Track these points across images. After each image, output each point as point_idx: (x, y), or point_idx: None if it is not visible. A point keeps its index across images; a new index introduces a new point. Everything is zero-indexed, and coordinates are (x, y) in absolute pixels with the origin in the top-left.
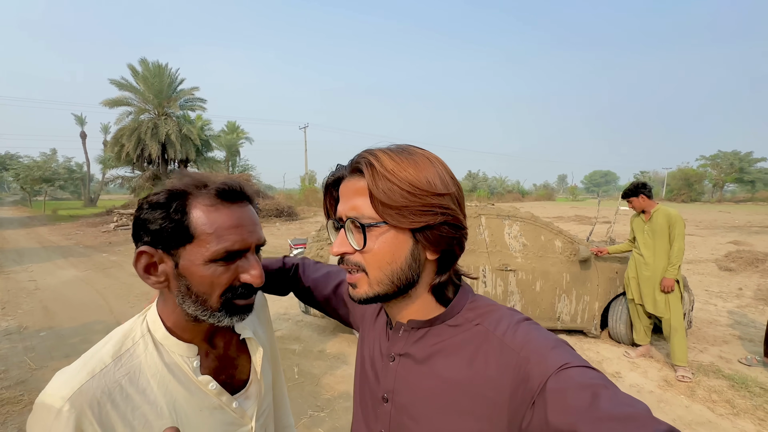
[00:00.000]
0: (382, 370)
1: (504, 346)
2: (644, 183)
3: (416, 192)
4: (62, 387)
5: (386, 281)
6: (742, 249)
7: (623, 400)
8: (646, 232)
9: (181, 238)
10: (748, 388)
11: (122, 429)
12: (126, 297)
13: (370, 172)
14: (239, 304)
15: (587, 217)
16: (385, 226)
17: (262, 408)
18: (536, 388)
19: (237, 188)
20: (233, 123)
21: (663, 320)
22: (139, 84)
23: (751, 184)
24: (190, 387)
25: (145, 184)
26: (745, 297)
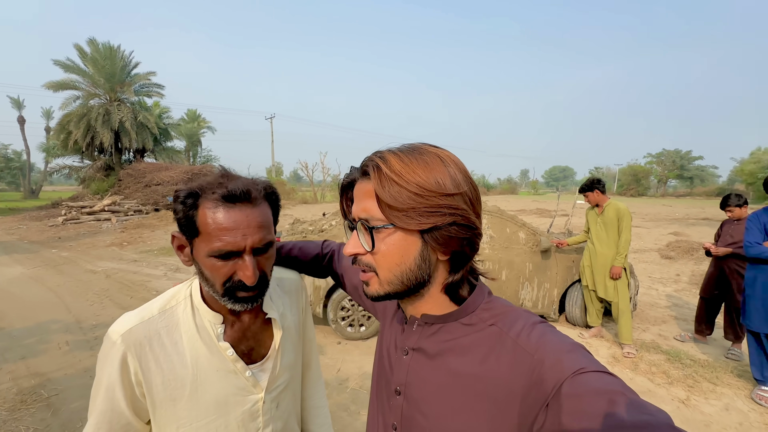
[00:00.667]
0: (396, 363)
1: (518, 347)
2: (599, 179)
3: (424, 193)
4: (121, 325)
5: (396, 281)
6: (680, 239)
7: (642, 407)
8: (599, 224)
9: (193, 231)
10: (681, 361)
11: (154, 368)
12: (84, 294)
13: (376, 175)
14: (240, 295)
15: (548, 210)
16: (392, 228)
17: (276, 383)
18: (550, 392)
19: (239, 192)
20: (194, 111)
21: (612, 304)
22: (88, 66)
23: (690, 180)
24: (212, 349)
25: (96, 174)
26: (681, 282)
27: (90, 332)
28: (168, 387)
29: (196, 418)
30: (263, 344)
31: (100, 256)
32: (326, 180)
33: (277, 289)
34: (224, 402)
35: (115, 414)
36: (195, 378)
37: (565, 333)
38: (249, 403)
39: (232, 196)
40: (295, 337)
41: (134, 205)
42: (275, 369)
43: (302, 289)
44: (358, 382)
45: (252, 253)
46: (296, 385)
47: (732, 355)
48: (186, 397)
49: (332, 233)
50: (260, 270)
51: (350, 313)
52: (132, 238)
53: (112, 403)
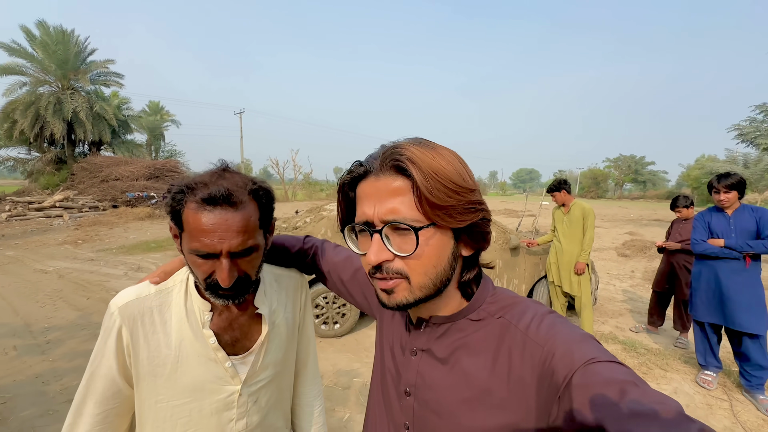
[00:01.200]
0: (404, 364)
1: (528, 339)
2: (565, 180)
3: (458, 189)
4: (120, 298)
5: (430, 285)
6: (635, 239)
7: (653, 397)
8: (565, 223)
9: (179, 225)
10: (636, 350)
11: (142, 342)
12: (33, 295)
13: (417, 170)
14: (221, 292)
15: (515, 211)
16: (432, 228)
17: (256, 378)
18: (561, 383)
19: (219, 195)
20: (156, 103)
21: (576, 298)
22: (37, 51)
23: (643, 184)
24: (197, 334)
25: (46, 168)
26: (636, 278)
27: (41, 336)
28: (151, 363)
29: (172, 397)
30: (250, 337)
31: (52, 255)
32: (297, 178)
33: (274, 284)
34: (200, 387)
35: (108, 380)
36: (176, 359)
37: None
38: (224, 393)
39: (211, 199)
40: (286, 334)
41: (89, 201)
42: (257, 364)
43: (301, 288)
44: (333, 379)
45: (230, 257)
46: (284, 383)
47: (680, 343)
48: (166, 375)
49: (306, 230)
50: (242, 272)
51: (324, 311)
52: (88, 236)
53: (107, 369)
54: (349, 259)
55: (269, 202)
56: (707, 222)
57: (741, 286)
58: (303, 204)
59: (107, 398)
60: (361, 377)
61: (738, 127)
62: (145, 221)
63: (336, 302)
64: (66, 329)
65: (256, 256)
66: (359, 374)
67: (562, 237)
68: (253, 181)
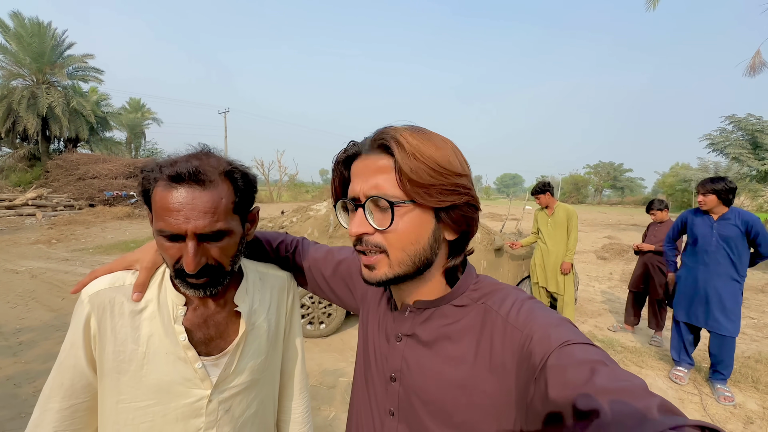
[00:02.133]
0: (389, 350)
1: (508, 324)
2: (549, 183)
3: (442, 171)
4: (92, 286)
5: (408, 261)
6: (613, 242)
7: (621, 375)
8: (549, 225)
9: (149, 206)
10: (614, 348)
11: (109, 335)
12: (4, 296)
13: (399, 149)
14: (190, 281)
15: (499, 215)
16: (410, 204)
17: (229, 383)
18: (538, 364)
19: (186, 172)
20: (137, 100)
21: (559, 298)
22: (10, 43)
23: (621, 190)
24: (168, 330)
25: (18, 164)
26: (614, 279)
27: (12, 337)
28: (117, 358)
29: (135, 397)
30: (226, 338)
31: (23, 254)
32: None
33: (258, 282)
34: (167, 389)
35: (77, 372)
36: (143, 356)
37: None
38: (192, 398)
39: (178, 176)
40: (267, 338)
41: (64, 200)
42: (230, 367)
43: (289, 289)
44: (318, 378)
45: (197, 239)
46: (264, 394)
47: (654, 341)
48: (130, 373)
49: (293, 230)
50: (213, 260)
51: (310, 311)
52: (62, 236)
53: (75, 360)
54: (330, 254)
55: (247, 187)
56: (682, 220)
57: (719, 290)
58: (288, 205)
59: (76, 391)
60: (346, 376)
61: (709, 136)
62: (124, 221)
63: (322, 302)
64: (39, 330)
65: (229, 242)
66: (345, 373)
67: (547, 239)
68: (230, 163)
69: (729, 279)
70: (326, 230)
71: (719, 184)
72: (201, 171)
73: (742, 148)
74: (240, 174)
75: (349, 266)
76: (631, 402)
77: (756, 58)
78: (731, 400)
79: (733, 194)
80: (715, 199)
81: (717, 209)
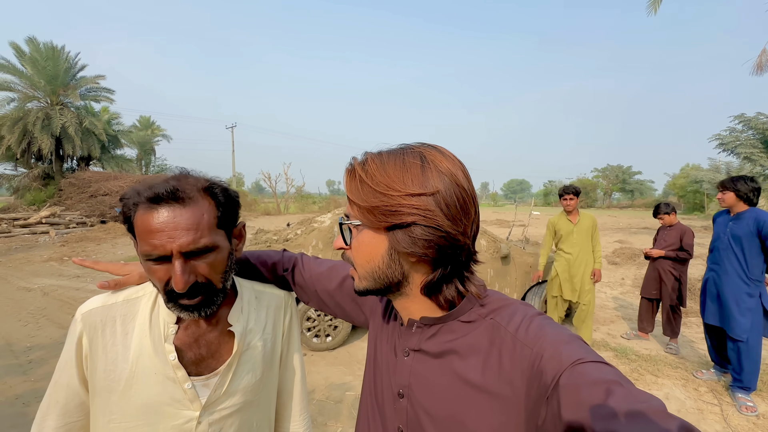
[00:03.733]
0: (397, 366)
1: (517, 342)
2: (578, 187)
3: (387, 192)
4: (86, 305)
5: (368, 277)
6: (624, 246)
7: (638, 396)
8: (575, 233)
9: (132, 232)
10: (627, 356)
11: (100, 353)
12: (16, 314)
13: (347, 174)
14: (182, 302)
15: (506, 221)
16: (361, 225)
17: (220, 404)
18: (550, 384)
19: (164, 192)
20: (147, 118)
21: (584, 307)
22: (26, 67)
23: (631, 193)
24: (158, 349)
25: (32, 183)
26: (626, 285)
27: (23, 355)
28: (108, 377)
29: (124, 417)
30: (218, 358)
31: (36, 272)
32: (290, 191)
33: (254, 301)
34: (155, 410)
35: (71, 391)
36: (132, 375)
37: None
38: (181, 419)
39: (156, 197)
40: (262, 359)
41: (77, 217)
42: (221, 387)
43: (287, 308)
44: (325, 393)
45: (184, 257)
46: (258, 416)
47: (670, 349)
48: (119, 392)
49: (297, 242)
50: (203, 278)
51: (316, 324)
52: (74, 253)
53: (69, 379)
54: (334, 269)
55: (229, 201)
56: (714, 222)
57: (729, 290)
58: (295, 217)
59: (70, 411)
60: (353, 390)
61: (719, 137)
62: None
63: (328, 315)
64: (49, 348)
65: (216, 258)
66: (351, 387)
67: (572, 247)
68: (208, 180)
69: (738, 279)
70: (330, 242)
71: (739, 182)
72: (179, 189)
73: (753, 147)
74: (220, 189)
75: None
76: (651, 426)
77: (762, 57)
78: (753, 410)
79: (756, 194)
80: (734, 197)
81: (736, 208)
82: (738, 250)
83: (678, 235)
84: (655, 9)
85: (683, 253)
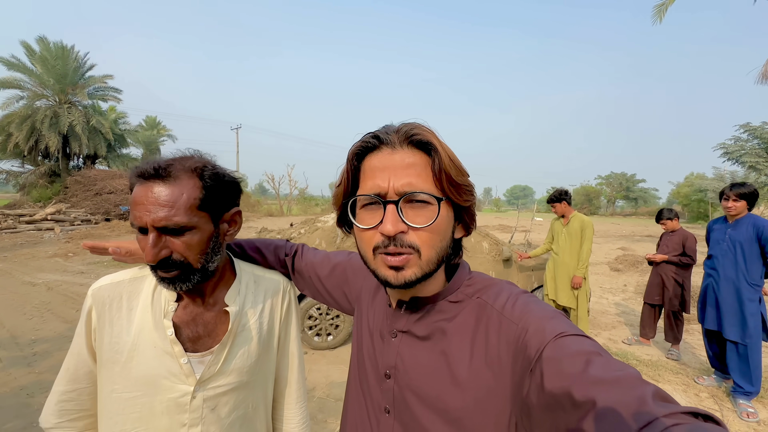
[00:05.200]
0: (384, 347)
1: (503, 318)
2: (566, 191)
3: (464, 172)
4: (97, 282)
5: (435, 260)
6: (627, 253)
7: (615, 365)
8: (564, 235)
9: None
10: (628, 361)
11: (107, 328)
12: (20, 308)
13: (439, 146)
14: (159, 274)
15: (509, 227)
16: (445, 202)
17: (214, 381)
18: (533, 356)
19: (150, 168)
20: (153, 118)
21: (572, 311)
22: (36, 65)
23: (635, 201)
24: (158, 324)
25: (39, 181)
26: (628, 291)
27: (28, 348)
28: (112, 349)
29: (126, 388)
30: (214, 336)
31: (41, 267)
32: (293, 193)
33: (252, 284)
34: (153, 382)
35: (80, 359)
36: (133, 347)
37: None
38: (177, 393)
39: (142, 173)
40: (258, 341)
41: (82, 214)
42: (215, 365)
43: (285, 293)
44: (325, 391)
45: (158, 232)
46: (254, 398)
47: (671, 355)
48: (122, 363)
49: (301, 241)
50: (179, 255)
51: (318, 322)
52: (78, 249)
53: (79, 347)
54: (327, 257)
55: (219, 186)
56: (710, 230)
57: (727, 294)
58: (298, 218)
59: (79, 377)
60: None
61: (723, 146)
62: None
63: (330, 313)
64: (54, 341)
65: (192, 238)
66: None
67: (560, 249)
68: (205, 163)
69: (738, 283)
70: (334, 241)
71: (748, 188)
72: (163, 167)
73: (758, 157)
74: (210, 173)
75: (344, 269)
76: (626, 391)
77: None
78: (755, 417)
79: (756, 199)
80: (745, 205)
81: (741, 215)
82: (739, 255)
83: (680, 241)
84: (661, 18)
85: (686, 258)
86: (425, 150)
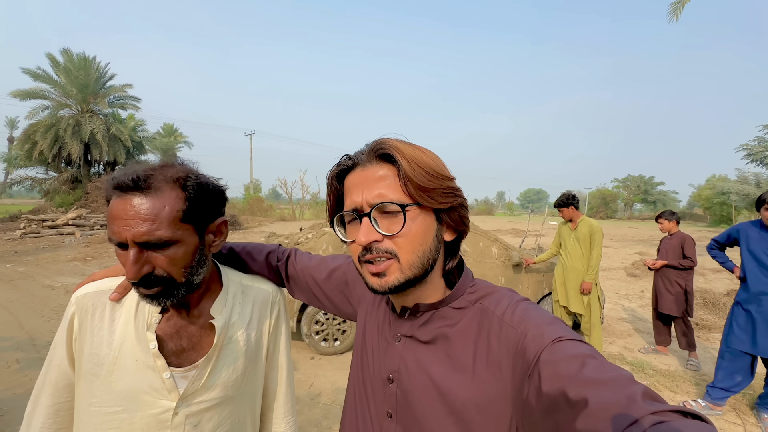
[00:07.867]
0: (387, 352)
1: (504, 324)
2: (573, 195)
3: (437, 176)
4: (81, 289)
5: (417, 264)
6: (645, 258)
7: (609, 367)
8: (572, 240)
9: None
10: (644, 371)
11: (88, 338)
12: (39, 310)
13: (401, 156)
14: (141, 290)
15: (522, 231)
16: (416, 208)
17: (198, 397)
18: (532, 360)
19: (127, 180)
20: (170, 125)
21: (583, 318)
22: (60, 76)
23: (654, 204)
24: (140, 337)
25: (62, 187)
26: (645, 298)
27: (44, 349)
28: (92, 360)
29: (105, 402)
30: (199, 350)
31: (61, 271)
32: (305, 198)
33: (240, 295)
34: (134, 397)
35: (60, 371)
36: (114, 360)
37: None
38: (158, 408)
39: (120, 185)
40: (245, 354)
41: (101, 219)
42: (199, 380)
43: (274, 303)
44: (331, 397)
45: (139, 247)
46: (240, 413)
47: (690, 365)
48: (102, 376)
49: (308, 246)
50: (162, 271)
51: (324, 327)
52: (97, 253)
53: (60, 360)
54: (324, 261)
55: (203, 196)
56: (745, 237)
57: None
58: (309, 222)
59: (59, 390)
60: None
61: (746, 146)
62: None
63: (336, 318)
64: None
65: (177, 252)
66: None
67: (568, 254)
68: (187, 172)
69: None
70: (341, 246)
71: None
72: (142, 179)
73: None
74: (194, 183)
75: (344, 272)
76: (617, 390)
77: None
78: None
79: None
80: None
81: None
82: None
83: (679, 244)
84: (677, 16)
85: (686, 261)
86: (392, 162)
